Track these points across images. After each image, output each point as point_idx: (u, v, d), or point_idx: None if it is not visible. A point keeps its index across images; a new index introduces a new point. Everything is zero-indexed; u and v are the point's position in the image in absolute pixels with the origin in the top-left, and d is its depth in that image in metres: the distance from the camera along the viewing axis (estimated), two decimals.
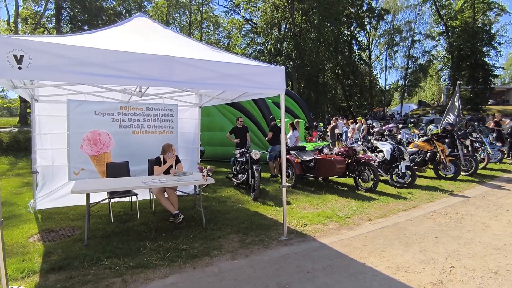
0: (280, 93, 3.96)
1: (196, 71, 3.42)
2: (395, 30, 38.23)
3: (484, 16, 30.61)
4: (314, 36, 30.66)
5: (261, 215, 5.10)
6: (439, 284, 2.98)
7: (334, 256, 3.57)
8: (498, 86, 39.89)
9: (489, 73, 31.13)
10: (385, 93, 41.76)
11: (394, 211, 5.24)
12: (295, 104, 17.61)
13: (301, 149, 7.47)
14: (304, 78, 32.51)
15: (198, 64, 3.43)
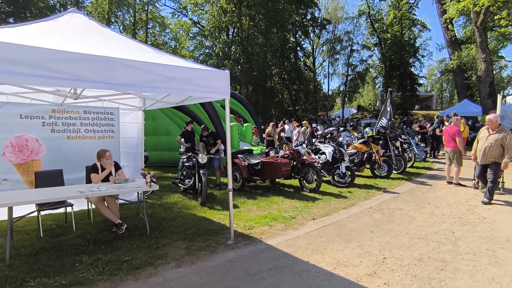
0: (225, 97, 3.98)
1: (138, 74, 3.28)
2: (336, 39, 40.81)
3: (409, 31, 34.27)
4: (261, 42, 31.35)
5: (208, 220, 5.05)
6: (373, 274, 3.25)
7: (280, 257, 3.68)
8: (422, 93, 44.92)
9: (414, 82, 34.88)
10: (328, 98, 44.29)
11: (335, 209, 5.58)
12: (243, 108, 17.80)
13: (248, 153, 7.57)
14: (252, 83, 33.00)
15: (140, 66, 3.30)
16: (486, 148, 5.70)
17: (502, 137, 5.52)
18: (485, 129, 5.92)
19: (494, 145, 5.59)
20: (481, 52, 16.40)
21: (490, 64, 16.77)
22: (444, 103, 55.57)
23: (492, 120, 5.72)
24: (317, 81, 43.50)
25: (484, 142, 5.77)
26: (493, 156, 5.65)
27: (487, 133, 5.79)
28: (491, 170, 5.72)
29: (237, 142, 12.10)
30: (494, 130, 5.68)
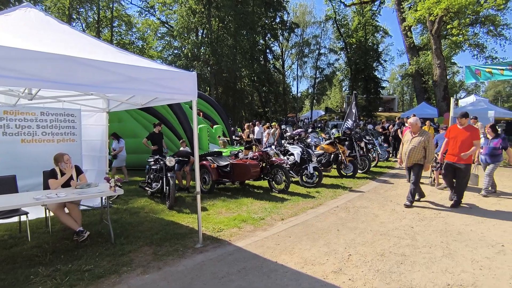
0: (192, 99, 3.93)
1: (99, 74, 3.14)
2: (304, 42, 41.79)
3: (373, 36, 35.97)
4: (231, 43, 31.35)
5: (177, 224, 4.95)
6: (339, 271, 3.36)
7: (249, 258, 3.69)
8: (385, 96, 47.21)
9: (378, 85, 36.68)
10: (297, 100, 45.21)
11: (303, 209, 5.70)
12: (213, 109, 17.67)
13: (217, 155, 7.52)
14: (222, 84, 32.87)
15: (102, 66, 3.16)
16: (411, 150, 5.63)
17: (424, 140, 5.50)
18: (409, 132, 5.87)
19: (417, 147, 5.55)
20: (436, 58, 17.58)
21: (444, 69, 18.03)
22: (405, 105, 58.73)
23: (413, 124, 5.69)
24: (287, 83, 44.27)
25: (409, 145, 5.70)
26: (416, 158, 5.60)
27: (411, 136, 5.74)
28: (413, 172, 5.69)
29: (207, 144, 11.98)
30: (417, 133, 5.65)
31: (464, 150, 5.38)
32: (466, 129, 5.49)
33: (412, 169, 5.75)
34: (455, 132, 5.62)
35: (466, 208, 5.68)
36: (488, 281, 3.14)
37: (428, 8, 15.28)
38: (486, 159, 6.55)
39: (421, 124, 6.62)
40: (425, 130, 5.92)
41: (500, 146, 6.32)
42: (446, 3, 14.26)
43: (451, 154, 5.65)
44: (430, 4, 15.11)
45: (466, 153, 5.34)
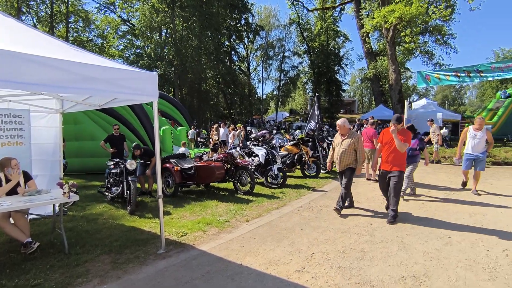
0: (153, 100, 3.81)
1: (51, 72, 2.93)
2: (269, 45, 42.35)
3: (334, 41, 37.37)
4: (196, 44, 30.89)
5: (138, 230, 4.76)
6: (302, 270, 3.43)
7: (213, 262, 3.64)
8: (346, 98, 49.24)
9: (339, 88, 38.13)
10: (262, 101, 45.65)
11: (268, 210, 5.75)
12: (177, 111, 17.32)
13: (181, 157, 7.36)
14: (186, 85, 32.25)
15: (54, 64, 2.95)
16: (342, 154, 5.32)
17: (354, 141, 5.24)
18: (338, 136, 5.54)
19: (348, 150, 5.25)
20: (391, 64, 18.69)
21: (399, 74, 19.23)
22: (364, 108, 61.67)
23: (341, 125, 5.39)
24: (252, 85, 44.53)
25: (339, 148, 5.39)
26: (348, 162, 5.31)
27: (340, 139, 5.43)
28: (345, 177, 5.40)
29: (171, 146, 11.69)
30: (346, 135, 5.36)
31: (398, 156, 4.98)
32: (400, 134, 4.98)
33: (344, 174, 5.43)
34: (388, 137, 5.12)
35: (419, 202, 6.09)
36: (437, 270, 3.38)
37: (384, 16, 16.22)
38: None
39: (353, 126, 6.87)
40: (355, 131, 5.63)
41: (417, 147, 6.34)
42: (400, 12, 15.23)
43: (385, 162, 5.15)
44: (385, 12, 16.05)
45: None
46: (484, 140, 6.51)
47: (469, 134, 6.67)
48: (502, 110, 20.29)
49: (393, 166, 5.02)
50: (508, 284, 3.11)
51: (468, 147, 6.67)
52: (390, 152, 5.06)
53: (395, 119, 5.01)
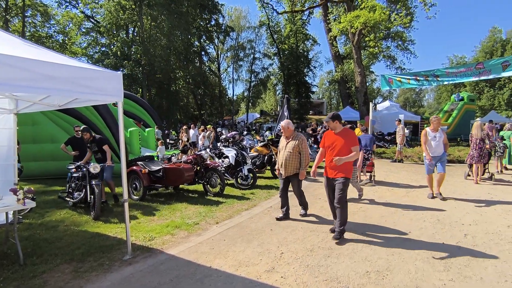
0: (117, 100, 3.67)
1: (4, 70, 2.73)
2: (239, 46, 42.39)
3: (303, 44, 38.21)
4: (164, 44, 30.20)
5: (103, 236, 4.56)
6: (272, 270, 3.46)
7: (182, 265, 3.58)
8: (315, 100, 50.53)
9: (308, 90, 39.05)
10: (233, 102, 45.60)
11: (238, 211, 5.75)
12: (145, 112, 16.81)
13: (149, 159, 7.16)
14: (155, 86, 31.41)
15: (7, 61, 2.75)
16: (286, 158, 4.99)
17: (298, 144, 4.95)
18: (283, 139, 5.21)
19: (293, 153, 4.95)
20: (357, 67, 19.46)
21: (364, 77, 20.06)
22: (332, 109, 63.43)
23: (285, 127, 5.09)
24: (222, 86, 44.34)
25: (284, 152, 5.04)
26: (294, 167, 5.00)
27: (285, 142, 5.11)
28: (294, 185, 5.13)
29: (138, 149, 11.33)
30: (290, 138, 5.07)
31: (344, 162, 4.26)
32: (342, 135, 4.37)
33: (292, 182, 5.13)
34: (331, 139, 4.47)
35: (383, 200, 6.38)
36: (399, 264, 3.57)
37: (350, 21, 16.86)
38: None
39: None
40: (299, 133, 5.36)
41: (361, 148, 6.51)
42: (364, 18, 15.91)
43: (329, 167, 4.46)
44: (351, 18, 16.69)
45: (342, 158, 4.20)
46: (442, 141, 6.36)
47: (429, 136, 6.43)
48: (456, 112, 21.85)
49: (337, 172, 4.33)
50: (461, 273, 3.35)
51: (429, 150, 6.44)
52: (333, 156, 4.33)
53: (330, 117, 4.38)
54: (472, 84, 45.27)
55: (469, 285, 3.12)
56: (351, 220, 5.15)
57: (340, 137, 4.35)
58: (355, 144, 4.33)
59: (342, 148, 4.30)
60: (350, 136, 4.37)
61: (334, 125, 4.40)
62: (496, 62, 9.29)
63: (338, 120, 4.40)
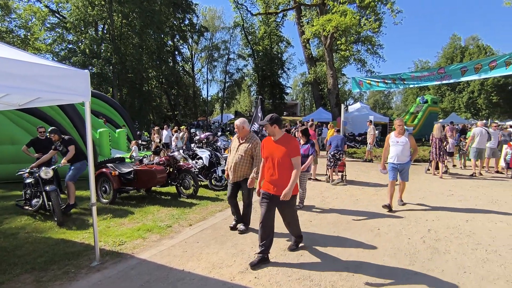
0: (84, 100, 3.51)
1: None
2: (213, 47, 42.10)
3: (277, 46, 38.68)
4: (136, 42, 29.33)
5: (69, 242, 4.34)
6: (245, 271, 3.46)
7: (153, 270, 3.49)
8: (289, 101, 51.29)
9: (282, 91, 39.60)
10: (208, 103, 45.19)
11: (212, 213, 5.69)
12: (116, 112, 16.24)
13: (119, 161, 6.92)
14: (126, 85, 30.39)
15: None
16: (237, 161, 4.49)
17: (252, 147, 4.45)
18: (236, 139, 4.71)
19: (244, 157, 4.45)
20: (329, 69, 19.96)
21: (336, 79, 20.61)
22: (306, 110, 64.64)
23: (239, 126, 4.54)
24: (197, 86, 43.82)
25: (235, 154, 4.54)
26: (244, 172, 4.51)
27: (237, 143, 4.60)
28: (243, 191, 4.63)
29: (109, 150, 10.91)
30: (244, 139, 4.55)
31: (284, 173, 3.53)
32: (282, 143, 3.59)
33: (242, 186, 4.62)
34: (269, 148, 3.68)
35: (354, 199, 6.58)
36: (368, 260, 3.69)
37: (322, 24, 17.26)
38: None
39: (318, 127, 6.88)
40: (254, 135, 4.72)
41: (310, 153, 5.79)
42: (336, 22, 16.36)
43: (267, 181, 3.68)
44: (323, 21, 17.10)
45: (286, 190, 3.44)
46: (407, 147, 5.65)
47: (391, 141, 5.77)
48: (421, 114, 23.02)
49: (278, 189, 3.55)
50: (424, 267, 3.53)
51: (391, 156, 5.77)
52: (273, 168, 3.61)
53: (268, 119, 3.60)
54: (435, 87, 47.95)
55: (431, 278, 3.30)
56: (322, 220, 5.28)
57: (280, 146, 3.57)
58: (296, 154, 3.55)
59: (282, 159, 3.53)
60: (292, 145, 3.58)
61: (273, 130, 3.60)
62: (456, 67, 9.89)
63: (278, 125, 3.61)
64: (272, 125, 3.59)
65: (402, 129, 5.72)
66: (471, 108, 48.95)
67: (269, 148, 3.69)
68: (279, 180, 3.57)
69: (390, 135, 5.86)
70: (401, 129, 5.71)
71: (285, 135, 3.68)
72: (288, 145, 3.57)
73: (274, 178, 3.61)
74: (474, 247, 4.10)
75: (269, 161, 3.67)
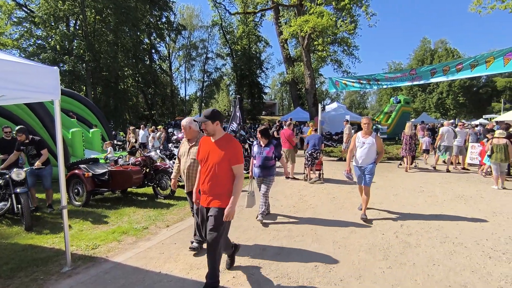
0: (53, 98, 3.37)
1: None
2: (191, 45, 41.55)
3: (256, 45, 38.72)
4: (111, 39, 28.39)
5: (37, 248, 4.14)
6: (224, 271, 3.45)
7: (129, 273, 3.40)
8: (268, 101, 51.50)
9: (261, 91, 39.70)
10: (186, 103, 44.54)
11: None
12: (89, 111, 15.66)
13: (93, 162, 6.69)
14: (101, 84, 29.34)
15: None
16: (190, 166, 3.77)
17: None
18: (185, 142, 4.02)
19: (194, 163, 3.75)
20: (307, 69, 20.23)
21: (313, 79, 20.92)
22: (284, 110, 65.15)
23: (186, 127, 3.86)
24: (174, 85, 43.04)
25: (186, 158, 3.85)
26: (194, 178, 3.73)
27: (187, 146, 3.90)
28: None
29: (82, 151, 10.51)
30: (194, 142, 3.88)
31: (221, 182, 2.93)
32: (221, 145, 2.96)
33: None
34: (206, 149, 3.05)
35: (331, 197, 6.72)
36: (344, 256, 3.79)
37: (300, 25, 17.47)
38: (259, 173, 5.08)
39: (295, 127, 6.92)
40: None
41: (273, 156, 5.08)
42: (313, 22, 16.61)
43: (202, 191, 3.08)
44: (301, 22, 17.31)
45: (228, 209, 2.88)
46: (374, 149, 5.18)
47: (357, 141, 5.31)
48: (395, 113, 23.84)
49: (211, 199, 2.97)
50: (397, 260, 3.67)
51: (357, 158, 5.33)
52: (206, 175, 2.98)
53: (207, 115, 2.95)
54: (407, 88, 49.87)
55: (404, 271, 3.43)
56: (301, 215, 5.36)
57: (218, 148, 2.93)
58: (238, 161, 2.91)
59: (219, 165, 2.89)
60: (233, 148, 2.93)
61: (213, 128, 2.95)
62: (426, 69, 10.33)
63: (219, 122, 2.98)
64: (214, 122, 2.93)
65: (369, 128, 5.23)
66: (440, 108, 51.39)
67: (206, 149, 3.04)
68: (213, 190, 2.94)
69: (357, 135, 5.38)
70: (368, 129, 5.22)
71: (226, 136, 3.05)
72: (229, 148, 2.91)
73: (207, 188, 2.97)
74: (442, 240, 4.30)
75: (204, 166, 3.01)
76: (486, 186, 7.86)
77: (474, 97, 50.67)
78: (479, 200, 6.48)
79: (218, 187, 2.95)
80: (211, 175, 2.94)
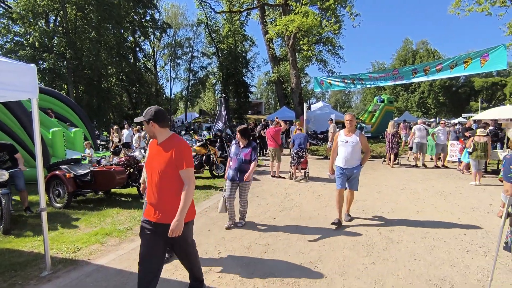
0: (31, 97, 3.26)
1: None
2: (176, 44, 41.03)
3: (241, 44, 38.63)
4: (94, 37, 27.69)
5: (15, 252, 4.01)
6: (209, 271, 3.43)
7: (112, 276, 3.33)
8: (254, 100, 51.57)
9: (247, 90, 39.66)
10: (171, 102, 43.98)
11: None
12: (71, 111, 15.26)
13: (74, 162, 6.52)
14: (83, 82, 28.61)
15: None
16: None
17: None
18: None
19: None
20: (292, 69, 20.39)
21: (299, 78, 21.11)
22: (270, 109, 65.37)
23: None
24: (159, 84, 42.40)
25: None
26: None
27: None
28: None
29: (63, 151, 10.22)
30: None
31: (167, 192, 2.48)
32: (165, 147, 2.51)
33: None
34: (151, 153, 2.62)
35: (316, 195, 6.79)
36: (329, 254, 3.84)
37: (285, 24, 17.58)
38: (234, 176, 4.69)
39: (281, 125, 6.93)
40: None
41: (252, 158, 4.72)
42: (298, 22, 16.75)
43: (149, 204, 2.57)
44: (286, 21, 17.43)
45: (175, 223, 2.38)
46: (358, 148, 4.79)
47: (339, 140, 4.89)
48: (378, 112, 24.30)
49: (161, 215, 2.48)
50: (380, 256, 3.75)
51: (339, 159, 4.90)
52: (154, 184, 2.52)
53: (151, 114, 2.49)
54: (390, 87, 50.92)
55: (386, 266, 3.50)
56: (286, 216, 5.39)
57: (163, 151, 2.49)
58: (186, 164, 2.45)
59: (164, 172, 2.46)
60: (180, 151, 2.46)
61: (151, 130, 2.54)
62: (408, 69, 10.60)
63: (158, 122, 2.50)
64: (148, 123, 2.50)
65: (352, 125, 4.81)
66: (422, 107, 52.78)
67: (151, 155, 2.60)
68: (159, 202, 2.48)
69: (339, 133, 4.99)
70: (351, 126, 4.81)
71: (172, 137, 2.56)
72: (175, 151, 2.43)
73: (155, 200, 2.51)
74: (423, 236, 4.42)
75: (151, 174, 2.55)
76: (464, 182, 8.14)
77: (454, 96, 52.32)
78: (458, 196, 6.70)
79: (164, 199, 2.48)
80: (156, 184, 2.49)
